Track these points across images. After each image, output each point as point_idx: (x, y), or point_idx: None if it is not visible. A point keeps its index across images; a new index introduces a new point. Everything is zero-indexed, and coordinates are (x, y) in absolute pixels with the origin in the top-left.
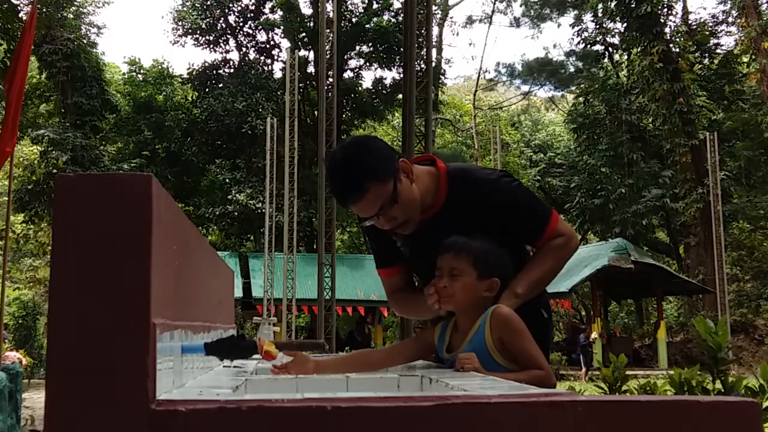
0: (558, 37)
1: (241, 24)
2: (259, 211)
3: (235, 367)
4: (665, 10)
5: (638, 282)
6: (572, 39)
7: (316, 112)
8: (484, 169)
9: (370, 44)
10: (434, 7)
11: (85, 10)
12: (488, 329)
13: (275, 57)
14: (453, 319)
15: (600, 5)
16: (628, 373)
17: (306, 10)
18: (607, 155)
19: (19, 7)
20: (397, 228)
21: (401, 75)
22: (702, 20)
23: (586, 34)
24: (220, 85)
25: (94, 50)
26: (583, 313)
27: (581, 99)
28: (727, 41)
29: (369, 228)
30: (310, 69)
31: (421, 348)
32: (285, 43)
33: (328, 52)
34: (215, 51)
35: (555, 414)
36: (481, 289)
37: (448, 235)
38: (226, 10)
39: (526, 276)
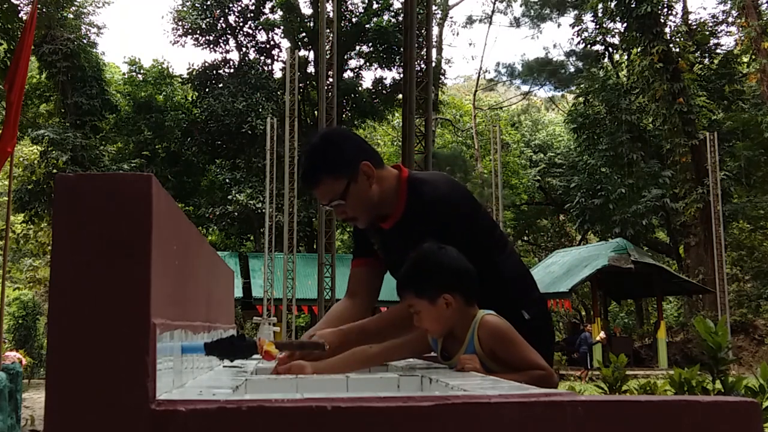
0: (558, 37)
1: (241, 24)
2: (259, 211)
3: (235, 367)
4: (665, 10)
5: (638, 282)
6: (572, 39)
7: (316, 112)
8: (435, 183)
9: (370, 44)
10: (434, 7)
11: (85, 10)
12: (477, 341)
13: (275, 57)
14: None
15: (600, 5)
16: (628, 373)
17: (306, 10)
18: (607, 155)
19: (19, 7)
20: (348, 221)
21: (401, 75)
22: (702, 20)
23: (586, 34)
24: (220, 85)
25: (94, 50)
26: (583, 313)
27: (581, 99)
28: (727, 41)
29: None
30: (310, 69)
31: (418, 345)
32: (285, 43)
33: (328, 52)
34: (215, 51)
35: (555, 414)
36: (441, 311)
37: (410, 244)
38: (226, 10)
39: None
